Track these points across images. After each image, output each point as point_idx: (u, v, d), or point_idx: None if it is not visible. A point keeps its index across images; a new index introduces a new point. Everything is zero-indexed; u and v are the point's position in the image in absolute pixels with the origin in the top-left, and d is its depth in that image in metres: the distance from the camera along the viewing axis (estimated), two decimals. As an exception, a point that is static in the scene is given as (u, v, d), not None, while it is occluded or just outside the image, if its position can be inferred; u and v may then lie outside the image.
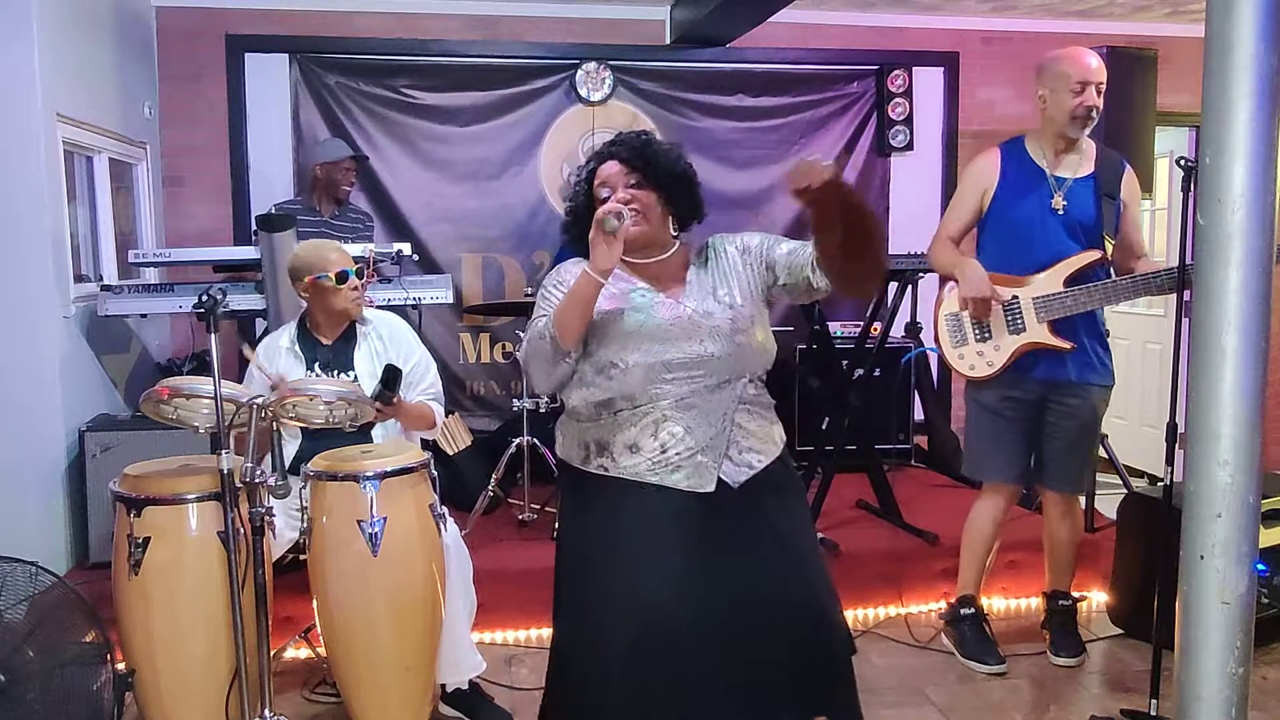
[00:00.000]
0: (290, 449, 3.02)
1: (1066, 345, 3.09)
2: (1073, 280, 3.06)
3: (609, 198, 2.09)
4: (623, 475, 2.06)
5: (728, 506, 2.04)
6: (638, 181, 2.11)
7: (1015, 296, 3.10)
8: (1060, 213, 3.09)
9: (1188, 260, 2.62)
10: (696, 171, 2.20)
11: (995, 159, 3.20)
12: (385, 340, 3.11)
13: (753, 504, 2.06)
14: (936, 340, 3.27)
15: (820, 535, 3.66)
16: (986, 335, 3.15)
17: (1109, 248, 3.11)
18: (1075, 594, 3.46)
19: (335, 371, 3.04)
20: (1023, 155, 3.17)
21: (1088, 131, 3.10)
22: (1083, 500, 3.63)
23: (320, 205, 4.61)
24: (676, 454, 2.04)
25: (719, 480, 2.04)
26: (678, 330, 2.06)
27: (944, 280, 3.29)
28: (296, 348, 3.07)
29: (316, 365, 3.05)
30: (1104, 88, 3.06)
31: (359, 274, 3.05)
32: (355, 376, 3.01)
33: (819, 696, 2.06)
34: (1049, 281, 3.08)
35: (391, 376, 2.82)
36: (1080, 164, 3.14)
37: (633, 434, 2.06)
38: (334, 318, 3.08)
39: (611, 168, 2.13)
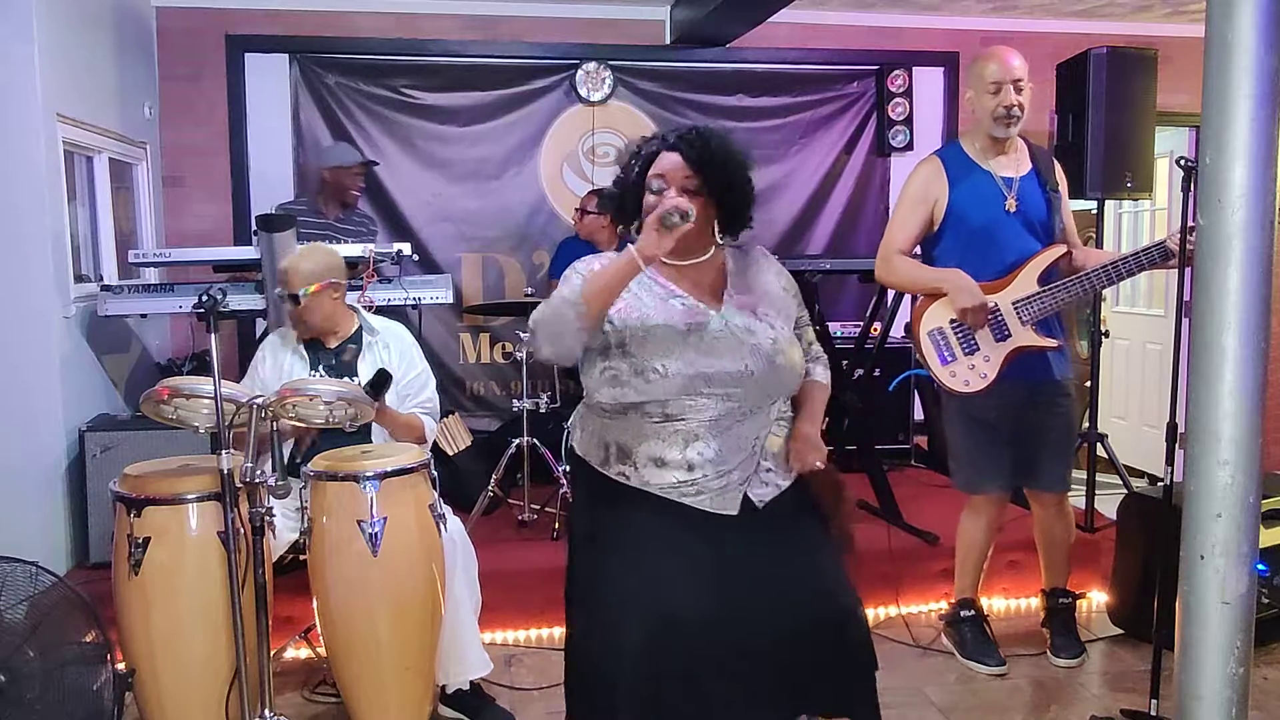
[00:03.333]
0: (286, 445, 3.03)
1: (1054, 343, 3.07)
2: (1044, 278, 3.05)
3: (661, 190, 2.02)
4: (644, 488, 2.02)
5: (751, 522, 2.02)
6: (695, 186, 2.03)
7: (995, 303, 3.05)
8: (1014, 213, 3.08)
9: (1189, 242, 2.62)
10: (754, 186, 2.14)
11: (939, 167, 3.13)
12: (391, 350, 3.12)
13: (776, 519, 2.04)
14: (922, 360, 3.14)
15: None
16: (974, 347, 3.08)
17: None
18: (1074, 591, 3.46)
19: (339, 377, 3.04)
20: (965, 159, 3.13)
21: (1014, 130, 3.07)
22: (1081, 500, 3.63)
23: (326, 207, 4.60)
24: (704, 476, 1.99)
25: (744, 498, 2.02)
26: (721, 345, 2.02)
27: (915, 297, 3.20)
28: (301, 348, 3.09)
29: (320, 368, 3.06)
30: (1024, 85, 3.02)
31: (292, 301, 3.01)
32: (359, 383, 3.01)
33: (838, 702, 2.04)
34: (1024, 283, 3.04)
35: (381, 380, 2.82)
36: (1019, 162, 3.13)
37: (659, 447, 2.01)
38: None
39: (673, 160, 2.04)
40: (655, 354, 2.00)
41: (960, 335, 3.09)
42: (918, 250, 3.23)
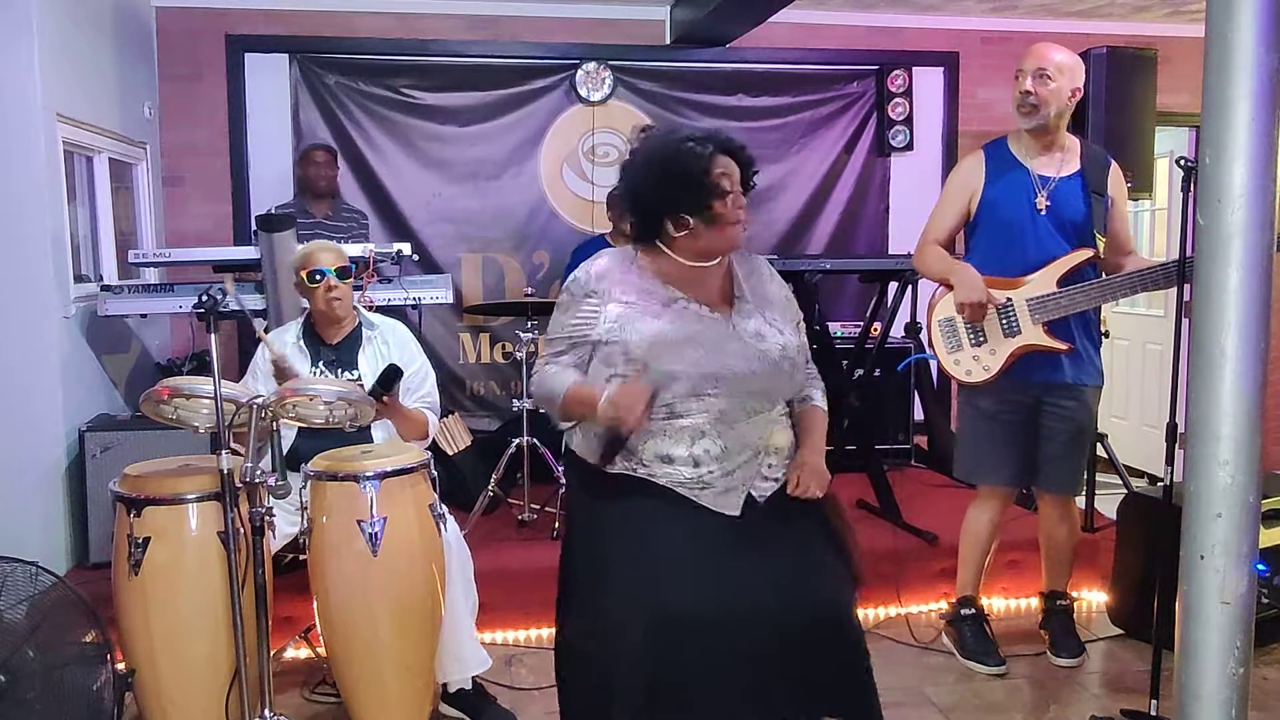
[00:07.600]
0: (285, 440, 3.03)
1: (1063, 346, 3.06)
2: (1066, 280, 3.04)
3: (729, 191, 2.04)
4: (651, 479, 2.04)
5: (753, 518, 2.03)
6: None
7: (1009, 299, 3.07)
8: (1044, 212, 3.07)
9: (1188, 254, 2.62)
10: None
11: (980, 161, 3.17)
12: (390, 345, 3.12)
13: (778, 514, 2.05)
14: (931, 346, 3.22)
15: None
16: (982, 339, 3.11)
17: (1101, 245, 3.08)
18: (1072, 593, 3.46)
19: (340, 371, 3.06)
20: (1006, 155, 3.15)
21: (1034, 122, 3.05)
22: (1081, 500, 3.63)
23: (310, 206, 4.61)
24: (709, 471, 2.02)
25: (747, 496, 2.04)
26: (729, 347, 2.05)
27: (937, 285, 3.27)
28: (301, 343, 3.10)
29: (321, 364, 3.06)
30: (1048, 74, 3.00)
31: (340, 275, 3.03)
32: (359, 378, 3.02)
33: (836, 699, 2.04)
34: (1042, 282, 3.05)
35: (390, 375, 2.82)
36: (1065, 162, 3.12)
37: (666, 444, 2.03)
38: (322, 318, 3.09)
39: (733, 166, 2.08)
40: (662, 359, 2.01)
41: (970, 326, 3.12)
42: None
